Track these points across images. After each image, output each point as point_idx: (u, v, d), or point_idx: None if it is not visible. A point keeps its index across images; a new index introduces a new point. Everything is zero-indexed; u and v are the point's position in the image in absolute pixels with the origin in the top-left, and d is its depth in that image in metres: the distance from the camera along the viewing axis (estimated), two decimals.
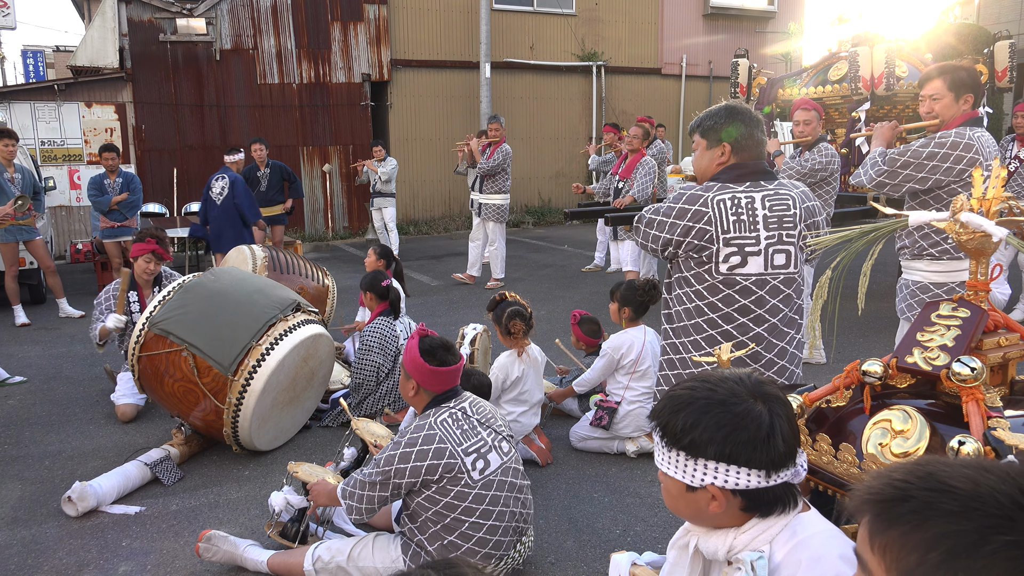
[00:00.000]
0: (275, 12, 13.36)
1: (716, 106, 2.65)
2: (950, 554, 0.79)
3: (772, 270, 2.55)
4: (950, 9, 17.01)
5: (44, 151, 12.04)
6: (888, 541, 0.85)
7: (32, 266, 8.11)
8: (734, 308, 2.56)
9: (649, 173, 7.40)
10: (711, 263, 2.55)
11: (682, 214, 2.55)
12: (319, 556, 2.98)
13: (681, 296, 2.68)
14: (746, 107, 2.63)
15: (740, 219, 2.51)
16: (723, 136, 2.58)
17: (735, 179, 2.56)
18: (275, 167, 9.77)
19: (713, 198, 2.52)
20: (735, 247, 2.52)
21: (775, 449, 1.36)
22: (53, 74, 28.82)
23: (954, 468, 0.86)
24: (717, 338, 2.59)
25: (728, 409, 1.37)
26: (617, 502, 3.76)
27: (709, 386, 1.42)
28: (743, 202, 2.51)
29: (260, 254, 5.97)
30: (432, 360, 2.90)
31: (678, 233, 2.56)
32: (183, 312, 4.14)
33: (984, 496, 0.81)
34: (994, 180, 1.65)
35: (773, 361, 2.62)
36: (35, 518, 3.66)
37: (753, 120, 2.60)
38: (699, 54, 17.30)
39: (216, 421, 4.11)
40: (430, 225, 14.75)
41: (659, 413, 1.45)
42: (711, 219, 2.51)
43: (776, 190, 2.57)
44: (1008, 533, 0.77)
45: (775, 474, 1.37)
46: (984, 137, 3.50)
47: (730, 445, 1.35)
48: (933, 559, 0.80)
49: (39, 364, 6.24)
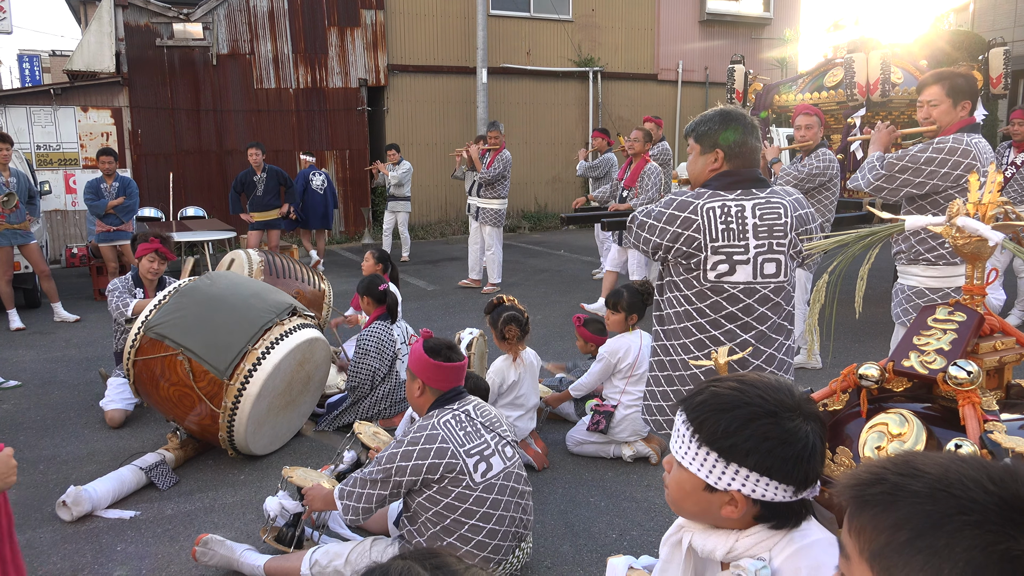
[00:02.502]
0: (272, 17, 13.37)
1: (711, 110, 2.65)
2: (915, 534, 0.81)
3: (761, 279, 2.54)
4: (944, 16, 17.09)
5: (40, 155, 12.02)
6: (862, 523, 0.87)
7: (27, 270, 8.08)
8: (722, 315, 2.56)
9: (656, 184, 7.36)
10: (699, 270, 2.55)
11: (672, 220, 2.55)
12: (316, 560, 2.97)
13: (671, 299, 2.68)
14: (742, 112, 2.63)
15: (729, 227, 2.50)
16: (718, 141, 2.58)
17: (727, 186, 2.56)
18: (272, 172, 9.79)
19: (703, 205, 2.52)
20: (723, 255, 2.51)
21: (813, 470, 1.35)
22: (49, 78, 28.83)
23: (931, 457, 0.89)
24: (706, 342, 2.60)
25: (779, 423, 1.34)
26: (613, 506, 3.75)
27: (760, 392, 1.37)
28: (733, 210, 2.51)
29: (256, 258, 5.97)
30: (437, 356, 2.92)
31: (667, 239, 2.56)
32: (179, 316, 4.13)
33: (951, 480, 0.83)
34: (990, 184, 1.66)
35: (761, 368, 2.62)
36: (29, 523, 3.64)
37: (748, 126, 2.59)
38: (695, 60, 17.35)
39: (212, 425, 4.10)
40: (426, 230, 14.75)
41: (698, 407, 1.40)
42: (699, 227, 2.51)
43: (768, 198, 2.56)
44: (970, 514, 0.79)
45: (802, 491, 1.37)
46: (981, 143, 3.52)
47: (773, 459, 1.33)
48: (900, 538, 0.82)
49: (34, 368, 6.22)
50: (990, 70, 6.96)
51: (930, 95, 3.62)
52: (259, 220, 9.77)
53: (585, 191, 13.92)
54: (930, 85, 3.63)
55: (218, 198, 13.05)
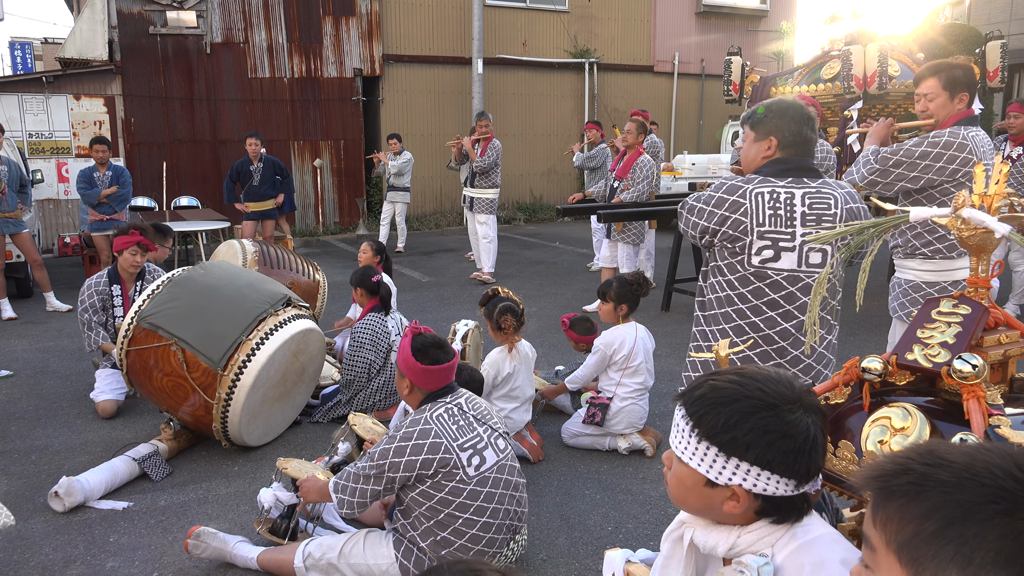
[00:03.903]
0: (266, 6, 13.27)
1: (768, 100, 2.68)
2: (944, 524, 0.80)
3: (806, 268, 2.55)
4: (940, 10, 17.08)
5: (32, 144, 11.92)
6: (888, 514, 0.86)
7: (19, 259, 8.03)
8: (763, 301, 2.58)
9: (648, 176, 7.36)
10: (744, 254, 2.57)
11: (720, 203, 2.57)
12: (309, 553, 2.96)
13: (714, 284, 2.71)
14: (799, 103, 2.65)
15: (777, 213, 2.52)
16: (773, 129, 2.59)
17: (778, 173, 2.58)
18: (268, 162, 9.73)
19: (752, 190, 2.54)
20: (769, 241, 2.53)
21: (814, 463, 1.34)
22: (41, 66, 28.65)
23: (954, 447, 0.89)
24: (745, 328, 2.62)
25: (778, 416, 1.32)
26: (609, 499, 3.74)
27: (759, 385, 1.35)
28: (782, 197, 2.52)
29: (250, 248, 5.93)
30: (425, 359, 2.89)
31: (715, 222, 2.59)
32: (172, 306, 4.10)
33: (979, 468, 0.82)
34: (996, 175, 1.64)
35: (799, 358, 2.62)
36: (21, 513, 3.61)
37: (804, 117, 2.60)
38: (691, 52, 17.31)
39: (205, 416, 4.07)
40: (421, 221, 14.70)
41: (696, 401, 1.37)
42: (747, 210, 2.53)
43: (819, 188, 2.56)
44: (1000, 503, 0.79)
45: (803, 485, 1.35)
46: (979, 136, 3.49)
47: (773, 452, 1.31)
48: (928, 529, 0.81)
49: (26, 358, 6.18)
50: (987, 63, 6.95)
51: (926, 88, 3.60)
52: (254, 210, 9.71)
53: (581, 183, 13.89)
54: (926, 78, 3.61)
55: (212, 188, 12.98)
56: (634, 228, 7.28)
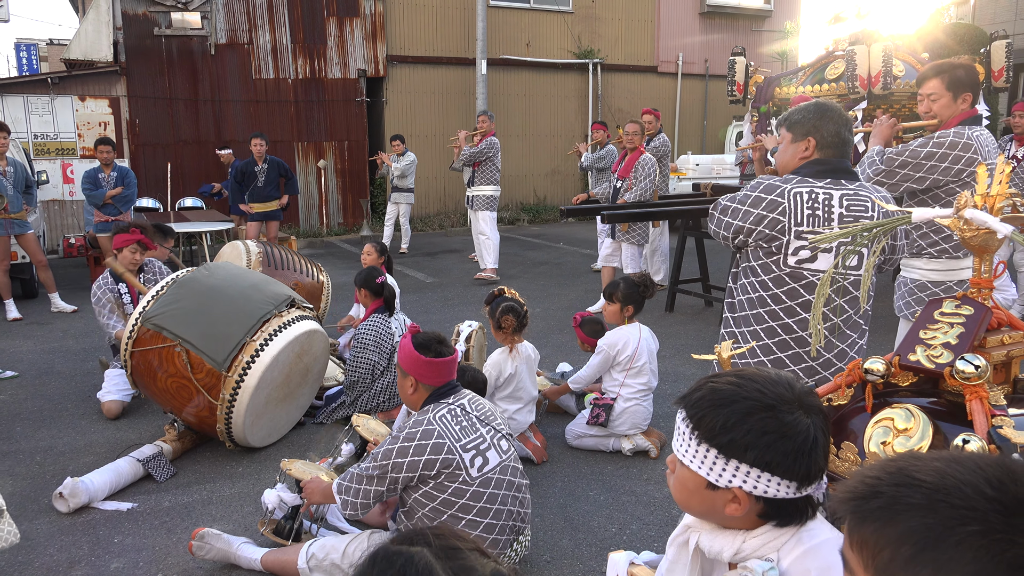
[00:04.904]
0: (270, 7, 13.29)
1: (806, 102, 2.67)
2: (918, 548, 0.79)
3: (843, 269, 2.54)
4: (944, 9, 17.03)
5: (37, 145, 11.96)
6: (864, 538, 0.85)
7: (24, 260, 8.05)
8: (798, 302, 2.56)
9: (649, 174, 7.36)
10: (780, 254, 2.56)
11: (757, 203, 2.56)
12: (313, 554, 2.96)
13: (746, 286, 2.69)
14: (836, 106, 2.64)
15: (815, 213, 2.50)
16: (811, 130, 2.58)
17: (816, 174, 2.57)
18: (273, 163, 9.75)
19: (790, 190, 2.53)
20: (806, 241, 2.51)
21: (815, 464, 1.32)
22: (46, 67, 28.73)
23: (925, 462, 0.87)
24: (777, 330, 2.60)
25: (777, 417, 1.31)
26: (613, 500, 3.74)
27: (758, 387, 1.34)
28: (820, 197, 2.51)
29: (255, 249, 5.94)
30: (427, 352, 2.89)
31: (751, 221, 2.57)
32: (176, 307, 4.10)
33: (949, 488, 0.81)
34: (998, 176, 1.64)
35: (831, 362, 2.61)
36: (26, 514, 3.62)
37: (842, 119, 2.59)
38: (695, 52, 17.29)
39: (209, 417, 4.08)
40: (425, 222, 14.71)
41: (696, 403, 1.37)
42: (785, 210, 2.51)
43: (857, 191, 2.55)
44: (972, 524, 0.78)
45: (805, 487, 1.34)
46: (983, 136, 3.48)
47: (772, 453, 1.30)
48: (905, 553, 0.81)
49: (31, 359, 6.19)
50: (992, 63, 6.93)
51: (930, 89, 3.59)
52: (258, 211, 9.73)
53: (585, 183, 13.88)
54: (930, 78, 3.60)
55: None
56: (639, 228, 7.28)
